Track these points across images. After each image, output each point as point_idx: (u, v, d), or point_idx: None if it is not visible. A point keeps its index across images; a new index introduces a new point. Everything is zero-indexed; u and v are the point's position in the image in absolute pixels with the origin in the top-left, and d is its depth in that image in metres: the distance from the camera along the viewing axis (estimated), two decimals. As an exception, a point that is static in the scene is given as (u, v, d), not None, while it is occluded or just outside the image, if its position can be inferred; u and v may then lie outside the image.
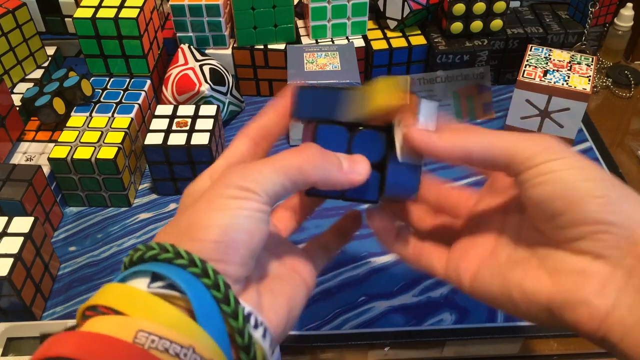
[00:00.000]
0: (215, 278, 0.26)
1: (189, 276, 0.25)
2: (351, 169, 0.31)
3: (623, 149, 0.69)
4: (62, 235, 0.58)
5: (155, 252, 0.26)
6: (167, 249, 0.26)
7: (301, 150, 0.30)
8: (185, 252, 0.26)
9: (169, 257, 0.26)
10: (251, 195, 0.27)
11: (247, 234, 0.27)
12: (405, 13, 0.71)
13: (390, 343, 0.49)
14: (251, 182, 0.27)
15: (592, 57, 0.67)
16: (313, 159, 0.30)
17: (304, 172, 0.29)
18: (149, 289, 0.26)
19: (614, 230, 0.27)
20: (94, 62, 0.66)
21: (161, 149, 0.58)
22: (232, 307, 0.26)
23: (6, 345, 0.46)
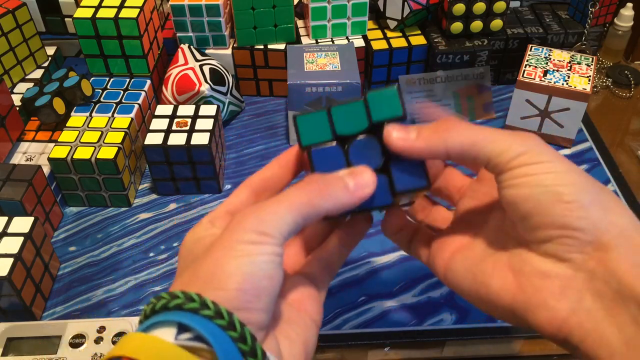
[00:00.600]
0: (242, 330, 0.25)
1: (216, 329, 0.25)
2: (357, 184, 0.31)
3: (623, 149, 0.69)
4: (62, 235, 0.58)
5: (180, 301, 0.26)
6: (193, 299, 0.26)
7: (306, 184, 0.30)
8: (212, 302, 0.25)
9: (195, 308, 0.25)
10: (269, 240, 0.27)
11: (269, 280, 0.27)
12: (405, 13, 0.71)
13: (390, 343, 0.49)
14: (267, 226, 0.27)
15: (592, 57, 0.67)
16: (320, 190, 0.29)
17: (314, 206, 0.29)
18: (176, 341, 0.25)
19: (579, 235, 0.28)
20: (94, 62, 0.66)
21: (161, 149, 0.58)
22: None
23: (6, 345, 0.46)
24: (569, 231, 0.28)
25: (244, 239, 0.27)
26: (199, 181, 0.61)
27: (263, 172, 0.34)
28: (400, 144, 0.31)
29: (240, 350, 0.25)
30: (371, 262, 0.55)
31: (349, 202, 0.30)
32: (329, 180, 0.30)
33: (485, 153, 0.30)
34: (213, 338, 0.25)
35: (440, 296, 0.52)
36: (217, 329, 0.25)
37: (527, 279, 0.29)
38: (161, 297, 0.27)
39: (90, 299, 0.52)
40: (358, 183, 0.31)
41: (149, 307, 0.27)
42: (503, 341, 0.50)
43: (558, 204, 0.28)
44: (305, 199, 0.29)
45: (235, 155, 0.67)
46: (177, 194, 0.62)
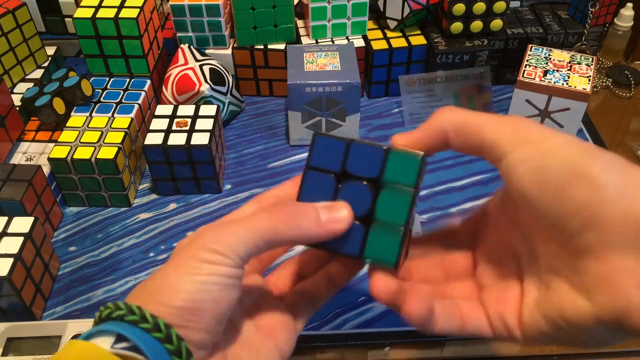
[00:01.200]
0: (179, 344, 0.26)
1: (153, 341, 0.26)
2: (330, 218, 0.30)
3: (623, 149, 0.69)
4: (62, 235, 0.58)
5: (122, 312, 0.27)
6: (134, 311, 0.26)
7: (277, 209, 0.29)
8: (150, 315, 0.26)
9: (135, 320, 0.26)
10: (222, 260, 0.27)
11: (213, 302, 0.27)
12: (405, 13, 0.71)
13: (390, 343, 0.49)
14: (223, 246, 0.27)
15: (592, 57, 0.67)
16: (287, 218, 0.29)
17: (278, 232, 0.28)
18: (112, 349, 0.26)
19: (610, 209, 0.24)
20: (94, 62, 0.66)
21: (161, 149, 0.58)
22: None
23: (6, 345, 0.46)
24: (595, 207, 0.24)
25: (197, 256, 0.27)
26: (199, 181, 0.61)
27: (276, 190, 0.33)
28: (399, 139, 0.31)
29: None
30: (371, 262, 0.55)
31: (317, 234, 0.30)
32: (301, 209, 0.30)
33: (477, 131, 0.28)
34: (147, 348, 0.25)
35: (440, 296, 0.52)
36: (153, 340, 0.26)
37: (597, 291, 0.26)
38: (107, 307, 0.28)
39: (90, 299, 0.52)
40: (331, 217, 0.30)
41: (98, 315, 0.28)
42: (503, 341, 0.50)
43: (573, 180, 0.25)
44: (268, 224, 0.28)
45: (235, 155, 0.67)
46: (177, 194, 0.62)
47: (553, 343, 0.30)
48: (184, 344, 0.26)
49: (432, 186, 0.62)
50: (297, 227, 0.29)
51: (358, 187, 0.31)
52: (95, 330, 0.27)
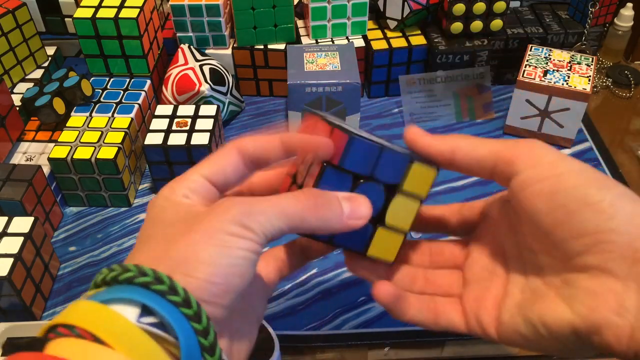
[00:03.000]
0: (207, 324, 0.24)
1: (181, 317, 0.24)
2: (351, 213, 0.30)
3: (623, 149, 0.69)
4: (62, 235, 0.58)
5: (149, 279, 0.24)
6: (163, 280, 0.24)
7: (306, 197, 0.29)
8: (182, 289, 0.24)
9: (163, 290, 0.24)
10: (251, 236, 0.26)
11: (240, 278, 0.26)
12: (405, 13, 0.71)
13: (390, 343, 0.49)
14: (253, 222, 0.26)
15: (592, 57, 0.67)
16: (315, 209, 0.29)
17: (305, 220, 0.28)
18: (139, 323, 0.23)
19: (615, 238, 0.26)
20: (94, 62, 0.66)
21: (161, 149, 0.58)
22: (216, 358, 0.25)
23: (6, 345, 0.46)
24: (603, 235, 0.26)
25: (226, 229, 0.25)
26: (199, 181, 0.61)
27: (261, 142, 0.30)
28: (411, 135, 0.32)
29: (200, 344, 0.24)
30: (371, 262, 0.55)
31: (337, 228, 0.30)
32: (328, 199, 0.29)
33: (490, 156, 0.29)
34: (178, 327, 0.23)
35: (440, 296, 0.52)
36: (182, 318, 0.23)
37: (579, 301, 0.27)
38: (126, 269, 0.24)
39: (90, 299, 0.52)
40: (353, 212, 0.30)
41: (109, 275, 0.25)
42: (503, 341, 0.50)
43: (585, 207, 0.26)
44: (298, 210, 0.28)
45: (235, 155, 0.67)
46: (177, 194, 0.62)
47: (526, 346, 0.31)
48: (212, 324, 0.24)
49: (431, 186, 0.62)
50: (322, 219, 0.29)
51: (374, 188, 0.32)
52: (115, 296, 0.24)
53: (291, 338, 0.49)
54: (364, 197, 0.31)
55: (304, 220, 0.28)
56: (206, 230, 0.26)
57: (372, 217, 0.32)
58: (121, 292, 0.24)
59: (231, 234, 0.25)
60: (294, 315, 0.50)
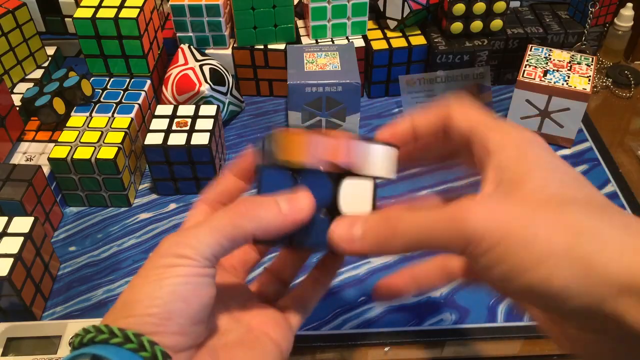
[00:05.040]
0: (152, 350, 0.25)
1: (127, 353, 0.25)
2: (291, 209, 0.29)
3: (623, 149, 0.69)
4: (62, 235, 0.58)
5: (92, 334, 0.26)
6: (102, 330, 0.26)
7: (235, 204, 0.29)
8: (118, 329, 0.26)
9: (106, 338, 0.26)
10: (185, 262, 0.27)
11: (183, 302, 0.27)
12: (405, 13, 0.71)
13: (390, 343, 0.49)
14: (185, 248, 0.27)
15: (592, 57, 0.67)
16: (246, 212, 0.29)
17: (238, 227, 0.28)
18: None
19: None
20: (94, 62, 0.66)
21: (161, 149, 0.58)
22: None
23: (6, 345, 0.46)
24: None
25: (160, 263, 0.27)
26: (199, 181, 0.61)
27: (217, 186, 0.33)
28: (343, 246, 0.29)
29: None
30: (371, 262, 0.55)
31: (279, 226, 0.29)
32: (260, 202, 0.29)
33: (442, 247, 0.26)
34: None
35: (440, 296, 0.52)
36: (128, 353, 0.25)
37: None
38: (77, 335, 0.27)
39: (90, 299, 0.52)
40: (292, 207, 0.29)
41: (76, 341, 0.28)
42: (503, 341, 0.50)
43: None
44: (228, 220, 0.28)
45: (235, 155, 0.67)
46: (177, 194, 0.62)
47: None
48: (158, 347, 0.26)
49: (431, 186, 0.62)
50: (257, 220, 0.29)
51: (317, 176, 0.30)
52: (70, 357, 0.26)
53: (291, 338, 0.49)
54: (304, 189, 0.30)
55: (239, 228, 0.28)
56: (141, 273, 0.28)
57: (324, 207, 0.30)
58: (76, 352, 0.26)
59: (165, 266, 0.27)
60: (294, 315, 0.50)
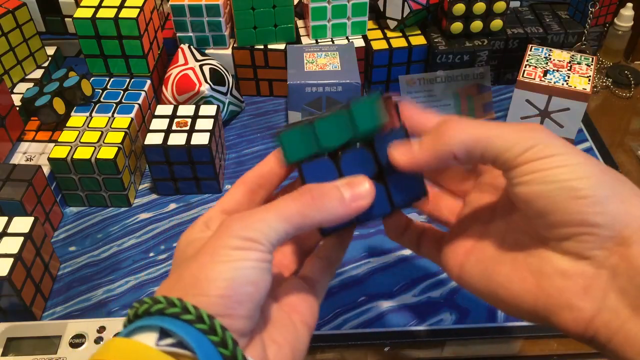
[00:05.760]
0: (223, 335, 0.25)
1: (197, 333, 0.25)
2: (353, 196, 0.30)
3: (623, 149, 0.69)
4: (62, 235, 0.58)
5: (162, 306, 0.26)
6: (175, 304, 0.26)
7: (301, 193, 0.29)
8: (193, 307, 0.25)
9: (176, 312, 0.25)
10: (255, 246, 0.27)
11: (252, 286, 0.27)
12: (405, 13, 0.71)
13: (390, 343, 0.49)
14: (254, 232, 0.27)
15: (592, 57, 0.67)
16: (312, 201, 0.29)
17: (306, 217, 0.28)
18: (158, 346, 0.25)
19: (598, 231, 0.27)
20: (94, 62, 0.66)
21: (161, 149, 0.58)
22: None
23: (6, 345, 0.46)
24: (587, 228, 0.27)
25: (229, 244, 0.27)
26: (199, 181, 0.61)
27: (258, 169, 0.33)
28: (404, 161, 0.31)
29: (221, 355, 0.25)
30: (371, 262, 0.55)
31: (344, 214, 0.29)
32: (324, 190, 0.29)
33: (493, 149, 0.28)
34: (194, 342, 0.25)
35: (440, 296, 0.52)
36: (198, 333, 0.25)
37: (548, 279, 0.28)
38: (143, 302, 0.27)
39: (90, 299, 0.52)
40: (355, 194, 0.30)
41: (132, 312, 0.27)
42: (503, 341, 0.50)
43: (574, 200, 0.27)
44: (296, 209, 0.28)
45: (235, 155, 0.67)
46: (177, 194, 0.62)
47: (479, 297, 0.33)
48: (229, 334, 0.25)
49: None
50: (324, 209, 0.29)
51: (355, 153, 0.31)
52: (135, 326, 0.26)
53: (291, 338, 0.49)
54: (361, 176, 0.30)
55: (306, 217, 0.28)
56: (210, 252, 0.27)
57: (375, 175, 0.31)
58: (141, 322, 0.26)
59: (235, 248, 0.27)
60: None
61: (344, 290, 0.52)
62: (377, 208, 0.32)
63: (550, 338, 0.50)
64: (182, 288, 0.27)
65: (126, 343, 0.25)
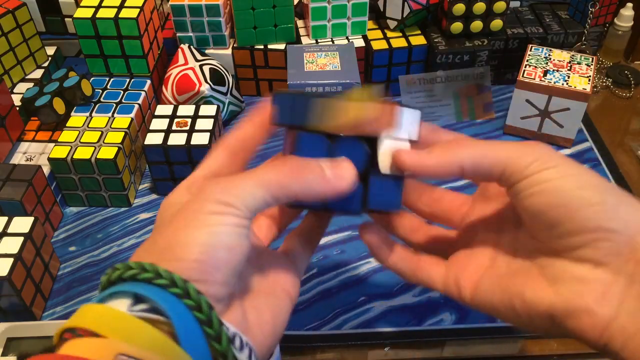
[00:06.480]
0: (198, 299, 0.25)
1: (171, 297, 0.24)
2: (335, 175, 0.29)
3: (623, 149, 0.69)
4: (62, 235, 0.58)
5: (135, 271, 0.25)
6: (146, 269, 0.25)
7: (282, 163, 0.29)
8: (165, 271, 0.25)
9: (149, 277, 0.25)
10: (232, 210, 0.26)
11: (228, 252, 0.26)
12: (405, 13, 0.71)
13: (390, 343, 0.49)
14: (231, 197, 0.27)
15: (592, 57, 0.67)
16: (294, 172, 0.28)
17: (285, 186, 0.28)
18: (131, 312, 0.24)
19: (614, 237, 0.27)
20: (94, 62, 0.66)
21: (161, 149, 0.58)
22: (216, 330, 0.25)
23: (6, 345, 0.46)
24: (602, 234, 0.27)
25: (206, 209, 0.26)
26: (199, 181, 0.61)
27: (238, 131, 0.33)
28: (410, 162, 0.31)
29: (196, 319, 0.25)
30: (371, 262, 0.55)
31: (322, 191, 0.29)
32: (307, 164, 0.29)
33: (500, 161, 0.29)
34: (168, 306, 0.24)
35: (440, 296, 0.52)
36: (171, 297, 0.25)
37: (565, 285, 0.28)
38: (116, 269, 0.26)
39: (90, 299, 0.52)
40: (337, 174, 0.30)
41: (105, 278, 0.27)
42: (503, 341, 0.50)
43: (587, 207, 0.27)
44: (275, 178, 0.28)
45: (235, 155, 0.67)
46: (177, 194, 0.62)
47: (494, 315, 0.32)
48: (204, 298, 0.25)
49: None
50: (303, 182, 0.29)
51: (352, 144, 0.31)
52: (109, 293, 0.25)
53: (291, 338, 0.49)
54: (345, 159, 0.30)
55: (285, 187, 0.28)
56: (188, 215, 0.27)
57: (360, 173, 0.31)
58: (114, 288, 0.26)
59: (212, 213, 0.26)
60: (294, 315, 0.50)
61: (344, 290, 0.52)
62: (349, 202, 0.31)
63: (550, 338, 0.50)
64: (156, 253, 0.26)
65: (99, 309, 0.25)
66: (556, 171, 0.28)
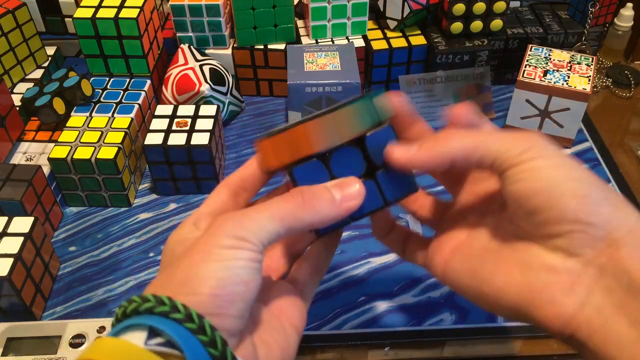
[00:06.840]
0: (213, 335, 0.25)
1: (186, 332, 0.25)
2: (344, 197, 0.30)
3: (623, 149, 0.69)
4: (62, 235, 0.58)
5: (151, 304, 0.26)
6: (164, 302, 0.25)
7: (292, 195, 0.29)
8: (182, 305, 0.25)
9: (166, 311, 0.25)
10: (247, 245, 0.27)
11: (244, 286, 0.26)
12: (405, 13, 0.71)
13: (390, 343, 0.49)
14: (246, 231, 0.27)
15: (592, 57, 0.67)
16: (304, 203, 0.29)
17: (297, 218, 0.28)
18: (147, 345, 0.25)
19: (591, 230, 0.27)
20: (94, 62, 0.66)
21: (161, 149, 0.58)
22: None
23: (6, 345, 0.46)
24: (580, 226, 0.27)
25: (222, 243, 0.27)
26: (199, 181, 0.61)
27: (241, 172, 0.34)
28: (402, 158, 0.31)
29: (210, 355, 0.25)
30: (371, 262, 0.55)
31: (334, 215, 0.30)
32: (315, 192, 0.30)
33: (491, 152, 0.29)
34: (182, 341, 0.24)
35: (440, 296, 0.52)
36: (186, 332, 0.25)
37: (534, 274, 0.29)
38: (132, 301, 0.26)
39: (90, 299, 0.52)
40: (345, 195, 0.30)
41: (120, 311, 0.27)
42: (503, 341, 0.50)
43: (570, 198, 0.27)
44: (287, 210, 0.28)
45: (235, 155, 0.67)
46: (177, 194, 0.62)
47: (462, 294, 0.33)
48: (218, 333, 0.25)
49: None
50: (315, 211, 0.29)
51: (344, 152, 0.31)
52: (124, 325, 0.26)
53: (291, 338, 0.49)
54: (352, 178, 0.31)
55: (298, 218, 0.29)
56: (203, 250, 0.27)
57: (364, 173, 0.32)
58: (130, 321, 0.26)
59: (227, 247, 0.27)
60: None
61: (344, 290, 0.52)
62: (369, 204, 0.32)
63: (550, 338, 0.50)
64: (173, 286, 0.26)
65: (114, 342, 0.25)
66: (546, 161, 0.28)
